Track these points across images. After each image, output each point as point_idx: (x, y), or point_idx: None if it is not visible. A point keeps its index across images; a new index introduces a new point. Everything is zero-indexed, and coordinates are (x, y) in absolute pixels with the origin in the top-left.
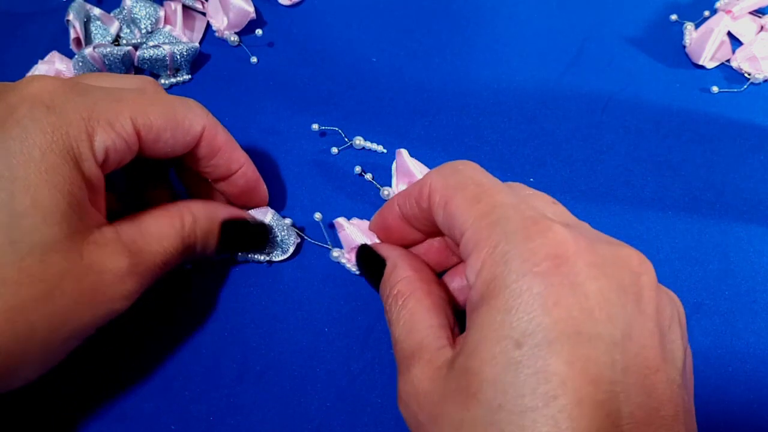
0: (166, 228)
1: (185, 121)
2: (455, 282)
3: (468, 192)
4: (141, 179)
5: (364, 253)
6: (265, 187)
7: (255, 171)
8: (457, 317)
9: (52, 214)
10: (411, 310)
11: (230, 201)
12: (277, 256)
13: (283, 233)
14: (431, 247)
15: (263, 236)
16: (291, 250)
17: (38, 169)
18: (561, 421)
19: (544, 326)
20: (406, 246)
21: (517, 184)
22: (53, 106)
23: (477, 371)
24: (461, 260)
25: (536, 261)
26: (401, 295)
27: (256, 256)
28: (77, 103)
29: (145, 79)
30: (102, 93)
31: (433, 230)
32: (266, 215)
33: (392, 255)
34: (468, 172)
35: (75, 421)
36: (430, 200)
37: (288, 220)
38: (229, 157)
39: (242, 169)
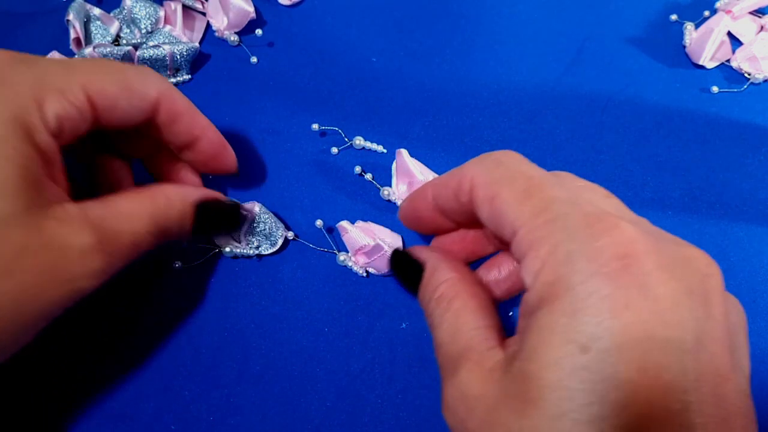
0: (137, 208)
1: (140, 86)
2: (492, 274)
3: (517, 186)
4: (102, 159)
5: (399, 258)
6: (231, 151)
7: (219, 135)
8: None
9: (6, 187)
10: (456, 313)
11: (200, 171)
12: (266, 250)
13: (270, 226)
14: (465, 236)
15: (237, 216)
16: (279, 242)
17: None
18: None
19: (614, 330)
20: (437, 233)
21: (566, 174)
22: (0, 77)
23: (537, 376)
24: (498, 249)
25: (604, 261)
26: (445, 297)
27: (245, 251)
28: (25, 73)
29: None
30: (51, 63)
31: (471, 222)
32: (254, 208)
33: (431, 258)
34: (514, 164)
35: (75, 421)
36: (471, 195)
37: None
38: (191, 121)
39: (206, 133)
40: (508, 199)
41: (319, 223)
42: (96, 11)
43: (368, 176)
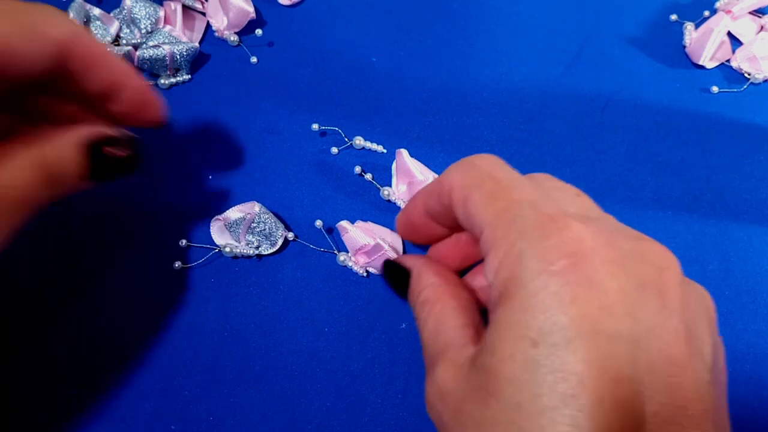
0: (22, 160)
1: (42, 27)
2: (477, 279)
3: (485, 189)
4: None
5: (389, 267)
6: (158, 99)
7: (142, 80)
8: (484, 317)
9: None
10: (437, 314)
11: (128, 125)
12: (266, 250)
13: (270, 226)
14: (459, 241)
15: (136, 153)
16: (279, 242)
17: None
18: (580, 421)
19: (561, 324)
20: (434, 241)
21: (542, 175)
22: None
23: (496, 370)
24: None
25: (552, 259)
26: (428, 301)
27: (245, 251)
28: None
29: None
30: None
31: (459, 226)
32: (253, 208)
33: (416, 264)
34: (486, 167)
35: (75, 421)
36: (450, 197)
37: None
38: (109, 67)
39: (129, 80)
40: (477, 201)
41: (318, 223)
42: (96, 11)
43: (368, 176)
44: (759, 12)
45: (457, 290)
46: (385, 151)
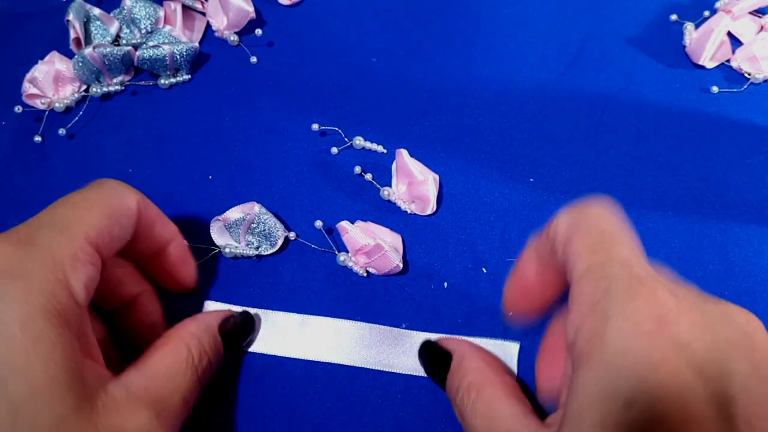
0: (174, 363)
1: (122, 204)
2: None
3: (588, 238)
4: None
5: (428, 348)
6: (192, 259)
7: (184, 240)
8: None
9: (52, 390)
10: (487, 401)
11: (159, 282)
12: (266, 250)
13: (270, 226)
14: (545, 277)
15: (251, 323)
16: (279, 242)
17: (23, 346)
18: None
19: (653, 386)
20: (544, 307)
21: None
22: (12, 271)
23: None
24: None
25: (639, 320)
26: (473, 386)
27: (245, 251)
28: (35, 256)
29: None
30: (50, 232)
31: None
32: (253, 208)
33: (459, 348)
34: (594, 216)
35: None
36: (554, 240)
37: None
38: (164, 224)
39: (176, 236)
40: (577, 249)
41: (318, 224)
42: (96, 11)
43: (368, 176)
44: (759, 12)
45: (504, 377)
46: (385, 151)
